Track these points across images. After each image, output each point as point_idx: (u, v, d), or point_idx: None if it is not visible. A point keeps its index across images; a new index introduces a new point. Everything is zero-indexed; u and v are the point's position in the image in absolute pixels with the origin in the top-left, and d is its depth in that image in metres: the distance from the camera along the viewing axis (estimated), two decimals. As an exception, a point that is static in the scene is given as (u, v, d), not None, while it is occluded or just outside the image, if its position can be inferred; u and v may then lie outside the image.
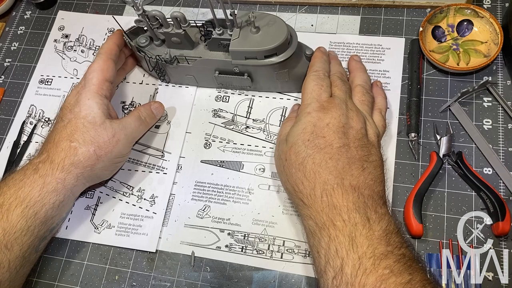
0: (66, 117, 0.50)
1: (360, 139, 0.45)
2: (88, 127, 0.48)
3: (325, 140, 0.44)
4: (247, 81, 0.54)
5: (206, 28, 0.52)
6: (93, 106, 0.49)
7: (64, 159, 0.47)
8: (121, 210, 0.54)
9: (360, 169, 0.43)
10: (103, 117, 0.49)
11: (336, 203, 0.41)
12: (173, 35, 0.51)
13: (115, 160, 0.51)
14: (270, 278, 0.48)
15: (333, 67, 0.53)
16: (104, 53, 0.53)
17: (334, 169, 0.43)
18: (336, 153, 0.44)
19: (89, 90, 0.50)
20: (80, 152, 0.47)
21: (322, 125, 0.45)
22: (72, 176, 0.47)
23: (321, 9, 0.62)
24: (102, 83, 0.51)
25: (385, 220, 0.41)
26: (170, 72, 0.57)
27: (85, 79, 0.52)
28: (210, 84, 0.58)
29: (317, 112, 0.46)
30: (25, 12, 0.70)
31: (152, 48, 0.55)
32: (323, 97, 0.48)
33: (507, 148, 0.50)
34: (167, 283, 0.50)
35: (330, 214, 0.41)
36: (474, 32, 0.56)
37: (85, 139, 0.48)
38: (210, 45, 0.52)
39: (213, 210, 0.52)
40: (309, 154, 0.44)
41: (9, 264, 0.44)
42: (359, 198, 0.41)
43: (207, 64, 0.53)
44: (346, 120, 0.46)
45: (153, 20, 0.51)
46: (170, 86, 0.60)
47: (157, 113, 0.55)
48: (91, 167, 0.48)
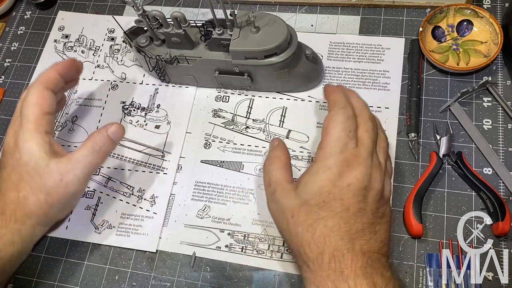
0: (8, 164, 0.45)
1: (378, 201, 0.41)
2: (32, 174, 0.44)
3: (342, 203, 0.40)
4: (247, 81, 0.54)
5: (206, 28, 0.52)
6: (34, 149, 0.44)
7: (15, 210, 0.44)
8: (121, 210, 0.54)
9: (372, 233, 0.40)
10: (46, 159, 0.44)
11: (344, 269, 0.38)
12: (173, 35, 0.51)
13: (69, 202, 0.47)
14: (270, 278, 0.48)
15: (356, 102, 0.45)
16: (40, 82, 0.47)
17: (347, 235, 0.39)
18: (352, 217, 0.39)
19: (27, 129, 0.45)
20: (30, 202, 0.44)
21: (342, 186, 0.40)
22: (27, 227, 0.44)
23: (321, 9, 0.62)
24: (40, 118, 0.45)
25: (391, 285, 0.38)
26: (170, 72, 0.57)
27: (21, 115, 0.46)
28: (210, 84, 0.58)
29: (340, 168, 0.40)
30: (25, 12, 0.71)
31: (152, 48, 0.55)
32: (349, 147, 0.41)
33: (507, 148, 0.50)
34: (167, 283, 0.50)
35: (336, 281, 0.38)
36: (474, 32, 0.56)
37: (32, 188, 0.44)
38: (210, 45, 0.52)
39: (213, 210, 0.52)
40: (322, 217, 0.39)
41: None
42: (367, 263, 0.38)
43: (207, 64, 0.53)
44: (368, 182, 0.41)
45: (153, 20, 0.51)
46: (170, 86, 0.60)
47: (115, 137, 0.47)
48: (45, 214, 0.45)
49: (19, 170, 0.44)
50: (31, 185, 0.44)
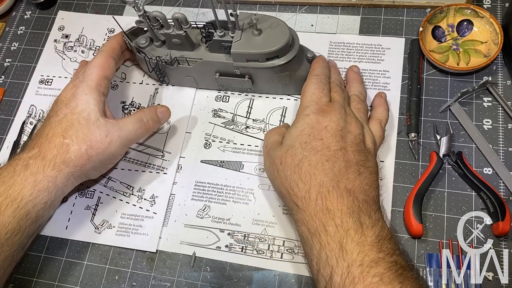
0: (61, 112, 0.48)
1: (358, 144, 0.45)
2: (82, 123, 0.47)
3: (323, 142, 0.44)
4: (248, 83, 0.54)
5: (207, 29, 0.52)
6: (90, 102, 0.48)
7: (56, 156, 0.46)
8: (121, 210, 0.54)
9: (356, 173, 0.43)
10: (98, 114, 0.48)
11: (330, 206, 0.40)
12: (173, 36, 0.51)
13: (106, 161, 0.50)
14: (270, 278, 0.48)
15: (333, 75, 0.53)
16: (107, 50, 0.53)
17: (330, 172, 0.42)
18: (333, 155, 0.43)
19: (88, 85, 0.49)
20: (72, 150, 0.46)
21: (320, 128, 0.45)
22: (63, 175, 0.46)
23: (321, 9, 0.62)
24: (101, 79, 0.50)
25: (379, 225, 0.40)
26: (170, 73, 0.57)
27: (84, 73, 0.51)
28: (210, 86, 0.58)
29: (316, 115, 0.46)
30: (25, 12, 0.71)
31: (152, 49, 0.55)
32: (323, 100, 0.47)
33: (507, 148, 0.50)
34: (167, 283, 0.50)
35: (323, 218, 0.40)
36: (474, 32, 0.56)
37: (78, 137, 0.46)
38: (211, 47, 0.52)
39: (213, 210, 0.52)
40: (306, 156, 0.43)
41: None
42: (353, 202, 0.41)
43: (207, 65, 0.53)
44: (344, 124, 0.45)
45: (154, 21, 0.51)
46: (170, 86, 0.60)
47: (162, 117, 0.53)
48: (81, 166, 0.47)
49: (71, 118, 0.47)
50: (78, 134, 0.47)
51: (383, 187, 0.49)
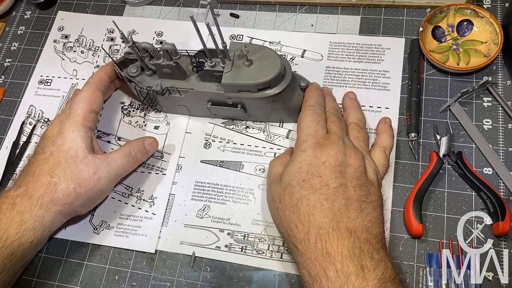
0: (47, 149, 0.47)
1: (358, 177, 0.43)
2: (70, 162, 0.46)
3: (321, 180, 0.42)
4: (240, 112, 0.52)
5: (198, 59, 0.50)
6: (77, 139, 0.47)
7: (43, 195, 0.45)
8: (120, 211, 0.53)
9: (358, 211, 0.41)
10: (85, 151, 0.47)
11: (330, 249, 0.39)
12: (164, 67, 0.50)
13: (95, 198, 0.49)
14: (270, 278, 0.48)
15: (328, 103, 0.51)
16: (94, 82, 0.51)
17: (330, 211, 0.40)
18: (333, 193, 0.41)
19: (74, 121, 0.48)
20: (59, 189, 0.45)
21: (318, 164, 0.43)
22: (51, 214, 0.45)
23: (321, 9, 0.62)
24: (87, 114, 0.49)
25: (381, 267, 0.38)
26: (162, 102, 0.55)
27: (70, 108, 0.49)
28: (203, 114, 0.56)
29: (313, 150, 0.44)
30: (25, 12, 0.71)
31: (143, 78, 0.52)
32: (319, 133, 0.46)
33: (507, 148, 0.50)
34: (167, 283, 0.50)
35: (324, 263, 0.38)
36: (474, 32, 0.56)
37: (65, 175, 0.46)
38: (202, 76, 0.50)
39: (213, 210, 0.52)
40: (304, 195, 0.41)
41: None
42: (355, 244, 0.39)
43: (199, 95, 0.51)
44: (343, 157, 0.43)
45: (143, 52, 0.49)
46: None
47: (150, 149, 0.53)
48: (69, 204, 0.46)
49: (58, 156, 0.47)
50: (65, 173, 0.46)
51: (384, 189, 0.49)
